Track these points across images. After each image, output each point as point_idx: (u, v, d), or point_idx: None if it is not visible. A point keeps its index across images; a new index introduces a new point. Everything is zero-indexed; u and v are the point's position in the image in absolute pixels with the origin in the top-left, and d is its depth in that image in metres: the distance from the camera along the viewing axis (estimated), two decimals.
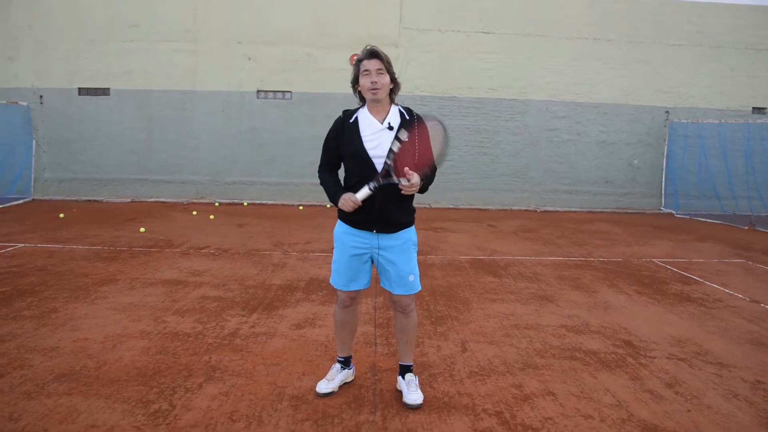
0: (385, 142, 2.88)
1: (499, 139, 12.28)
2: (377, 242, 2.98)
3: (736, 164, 12.00)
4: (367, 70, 2.88)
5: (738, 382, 3.57)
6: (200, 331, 4.21)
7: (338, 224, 3.09)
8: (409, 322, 3.15)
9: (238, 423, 2.89)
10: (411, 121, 2.94)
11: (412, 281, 3.05)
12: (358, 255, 3.02)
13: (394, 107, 2.99)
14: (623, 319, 4.83)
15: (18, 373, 3.38)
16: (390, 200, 2.90)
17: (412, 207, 3.08)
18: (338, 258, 3.09)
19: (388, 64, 2.91)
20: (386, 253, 2.99)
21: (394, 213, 2.95)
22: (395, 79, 2.97)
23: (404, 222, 3.01)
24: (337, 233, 3.09)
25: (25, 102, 11.65)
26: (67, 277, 5.58)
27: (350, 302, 3.17)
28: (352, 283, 3.08)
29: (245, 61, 11.85)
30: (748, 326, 4.71)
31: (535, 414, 3.08)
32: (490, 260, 7.01)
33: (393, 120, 2.94)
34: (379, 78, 2.86)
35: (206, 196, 12.13)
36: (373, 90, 2.87)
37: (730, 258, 7.57)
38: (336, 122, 3.04)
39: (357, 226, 2.99)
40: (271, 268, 6.24)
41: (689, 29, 12.32)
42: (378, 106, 2.94)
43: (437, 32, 11.99)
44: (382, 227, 2.96)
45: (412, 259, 3.06)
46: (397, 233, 2.99)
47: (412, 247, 3.06)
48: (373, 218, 2.93)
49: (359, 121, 2.95)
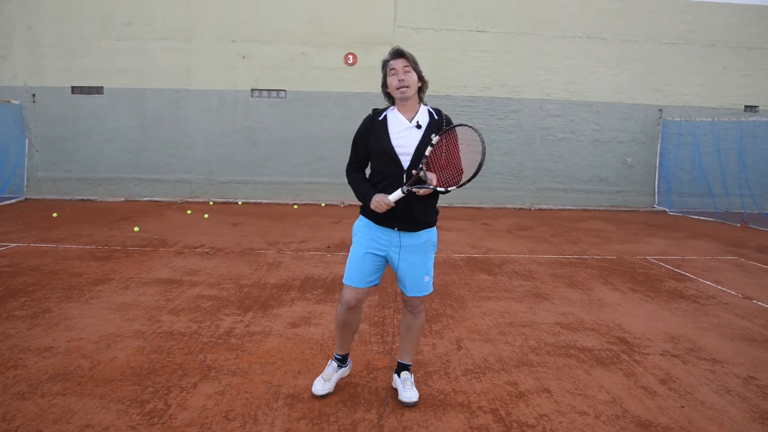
0: (412, 139, 2.89)
1: (493, 137, 12.29)
2: (398, 240, 2.97)
3: (728, 162, 12.06)
4: (394, 69, 2.89)
5: (731, 378, 3.59)
6: (195, 330, 4.20)
7: (360, 218, 3.08)
8: (416, 321, 3.15)
9: (233, 422, 2.88)
10: (440, 122, 2.95)
11: (427, 282, 3.04)
12: (375, 250, 2.99)
13: (423, 107, 3.00)
14: (617, 316, 4.85)
15: (11, 373, 3.37)
16: (415, 199, 2.89)
17: (436, 208, 3.06)
18: (355, 253, 3.05)
19: (414, 63, 2.92)
20: (406, 252, 2.97)
21: (418, 212, 2.93)
22: (423, 78, 2.97)
23: (427, 222, 3.00)
24: (357, 227, 3.07)
25: (17, 100, 11.58)
26: (61, 277, 5.56)
27: (355, 303, 3.08)
28: (365, 278, 3.02)
29: (239, 59, 11.82)
30: (740, 322, 4.74)
31: (531, 411, 3.09)
32: (485, 258, 7.02)
33: (422, 119, 2.94)
34: (407, 76, 2.88)
35: (201, 195, 12.10)
36: (401, 88, 2.88)
37: (723, 255, 7.61)
38: (365, 120, 3.03)
39: (379, 222, 2.97)
40: (266, 267, 6.23)
41: (682, 28, 12.38)
42: (407, 105, 2.95)
43: (432, 31, 12.00)
44: (405, 225, 2.94)
45: (429, 260, 3.05)
46: (418, 232, 2.98)
47: (431, 248, 3.05)
48: (397, 216, 2.91)
49: (388, 119, 2.96)
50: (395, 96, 2.93)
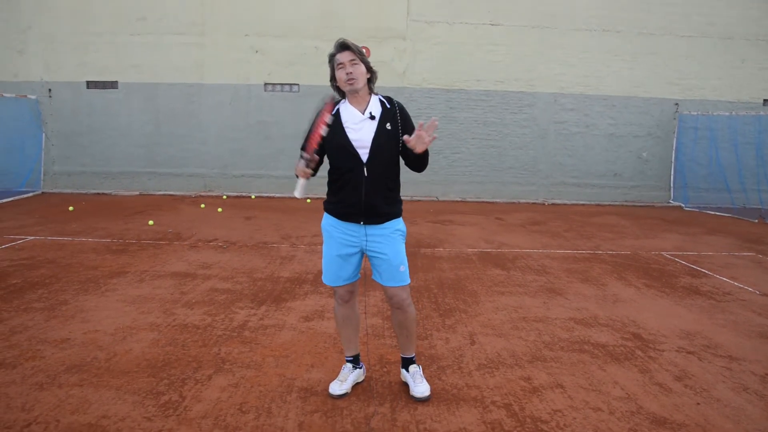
0: (368, 132, 2.88)
1: (507, 131, 12.22)
2: (365, 233, 2.96)
3: (746, 157, 11.87)
4: (341, 63, 2.88)
5: (748, 376, 3.55)
6: (209, 323, 4.23)
7: (325, 217, 3.08)
8: (407, 317, 3.11)
9: (247, 414, 2.90)
10: (393, 110, 2.95)
11: (403, 272, 3.01)
12: (346, 247, 3.00)
13: (374, 97, 2.99)
14: (632, 312, 4.81)
15: (30, 364, 3.42)
16: (377, 192, 2.90)
17: (399, 198, 3.06)
18: (327, 252, 3.07)
19: (361, 54, 2.91)
20: (375, 244, 2.96)
21: (380, 204, 2.93)
22: (371, 69, 2.96)
23: (391, 212, 2.98)
24: (325, 226, 3.08)
25: (34, 95, 11.70)
26: (77, 270, 5.62)
27: (349, 296, 3.14)
28: (342, 276, 3.05)
29: (253, 54, 11.84)
30: (758, 319, 4.68)
31: (544, 406, 3.08)
32: (498, 253, 6.99)
33: (374, 109, 2.93)
34: (354, 68, 2.87)
35: (214, 189, 12.17)
36: (350, 81, 2.87)
37: (739, 251, 7.52)
38: (318, 108, 3.02)
39: (344, 218, 2.98)
40: (279, 261, 6.26)
41: (700, 20, 12.17)
42: (357, 97, 2.94)
43: (445, 24, 11.92)
44: (369, 219, 2.94)
45: (401, 250, 3.03)
46: (384, 224, 2.97)
47: (399, 237, 3.03)
48: (361, 210, 2.91)
49: (341, 113, 2.95)
50: (344, 89, 2.93)
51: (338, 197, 2.97)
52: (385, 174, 2.94)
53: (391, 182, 3.00)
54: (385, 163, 2.92)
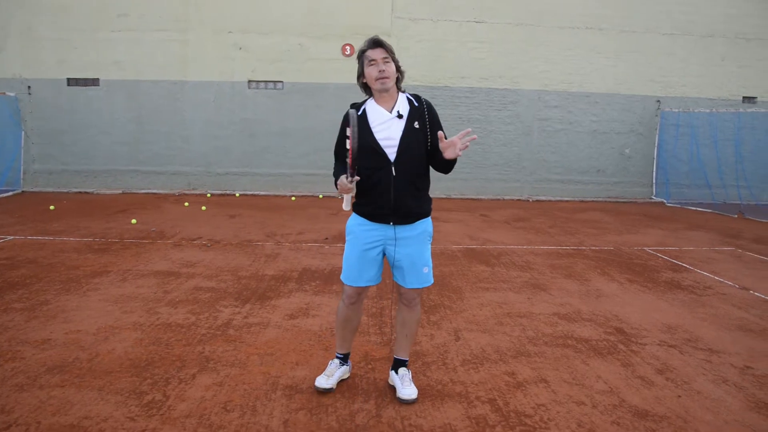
0: (395, 131, 2.86)
1: (491, 128, 12.28)
2: (394, 234, 2.92)
3: (726, 153, 12.07)
4: (374, 59, 2.84)
5: (727, 368, 3.61)
6: (193, 322, 4.20)
7: (353, 217, 3.02)
8: (412, 316, 3.11)
9: (232, 413, 2.89)
10: (421, 108, 2.93)
11: (426, 273, 3.00)
12: (371, 248, 2.96)
13: (402, 95, 2.96)
14: (615, 306, 4.86)
15: (9, 365, 3.37)
16: (406, 191, 2.87)
17: (429, 197, 3.04)
18: (350, 252, 3.01)
19: (392, 53, 2.88)
20: (402, 245, 2.93)
21: (411, 204, 2.90)
22: (400, 68, 2.94)
23: (421, 212, 2.96)
24: (351, 226, 3.02)
25: (13, 92, 11.51)
26: (59, 269, 5.55)
27: (356, 298, 3.10)
28: (364, 277, 3.01)
29: (236, 50, 11.76)
30: (737, 313, 4.76)
31: (528, 401, 3.10)
32: (483, 249, 7.03)
33: (402, 108, 2.90)
34: (386, 66, 2.84)
35: (198, 187, 12.07)
36: (382, 79, 2.83)
37: (720, 246, 7.63)
38: (345, 118, 2.97)
39: (373, 219, 2.93)
40: (264, 259, 6.23)
41: (681, 18, 12.33)
42: (386, 96, 2.90)
43: (429, 21, 11.94)
44: (400, 219, 2.90)
45: (427, 251, 3.01)
46: (413, 224, 2.94)
47: (427, 239, 3.01)
48: (390, 210, 2.88)
49: (368, 112, 2.91)
50: (374, 87, 2.88)
51: (367, 198, 2.91)
52: (413, 173, 2.90)
53: (420, 181, 2.96)
54: (413, 162, 2.89)
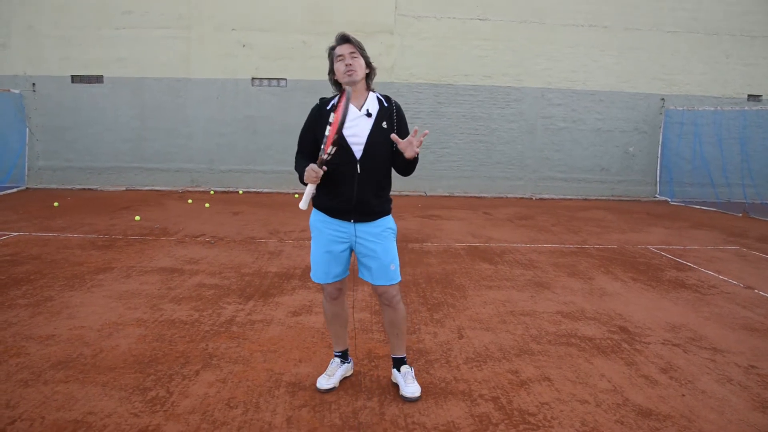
0: (363, 128, 2.85)
1: (494, 126, 12.26)
2: (354, 231, 2.93)
3: (731, 152, 12.02)
4: (341, 55, 2.85)
5: (732, 367, 3.60)
6: (197, 318, 4.21)
7: (314, 213, 3.04)
8: (397, 314, 3.08)
9: (235, 409, 2.89)
10: (390, 108, 2.92)
11: (393, 270, 2.98)
12: (335, 243, 2.96)
13: (372, 94, 2.96)
14: (618, 305, 4.85)
15: (14, 361, 3.38)
16: (368, 189, 2.88)
17: (389, 196, 3.04)
18: (316, 249, 3.04)
19: (361, 49, 2.88)
20: (365, 242, 2.93)
21: (373, 202, 2.91)
22: (370, 64, 2.94)
23: (382, 211, 2.96)
24: (314, 222, 3.04)
25: (17, 90, 11.53)
26: (63, 266, 5.56)
27: (337, 294, 3.12)
28: (331, 274, 3.02)
29: (240, 48, 11.76)
30: (742, 312, 4.74)
31: (532, 399, 3.10)
32: (486, 247, 7.02)
33: (371, 106, 2.90)
34: (354, 61, 2.84)
35: (201, 184, 12.09)
36: (348, 72, 2.82)
37: (724, 245, 7.61)
38: (312, 111, 2.99)
39: (334, 215, 2.94)
40: (267, 256, 6.23)
41: (685, 16, 12.27)
42: (355, 92, 2.89)
43: (433, 19, 11.92)
44: (360, 216, 2.91)
45: (392, 248, 3.00)
46: (375, 221, 2.94)
47: (391, 235, 3.01)
48: (352, 207, 2.89)
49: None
50: (342, 81, 2.87)
51: (329, 193, 2.93)
52: (378, 172, 2.91)
53: (385, 181, 2.97)
54: (378, 161, 2.89)
